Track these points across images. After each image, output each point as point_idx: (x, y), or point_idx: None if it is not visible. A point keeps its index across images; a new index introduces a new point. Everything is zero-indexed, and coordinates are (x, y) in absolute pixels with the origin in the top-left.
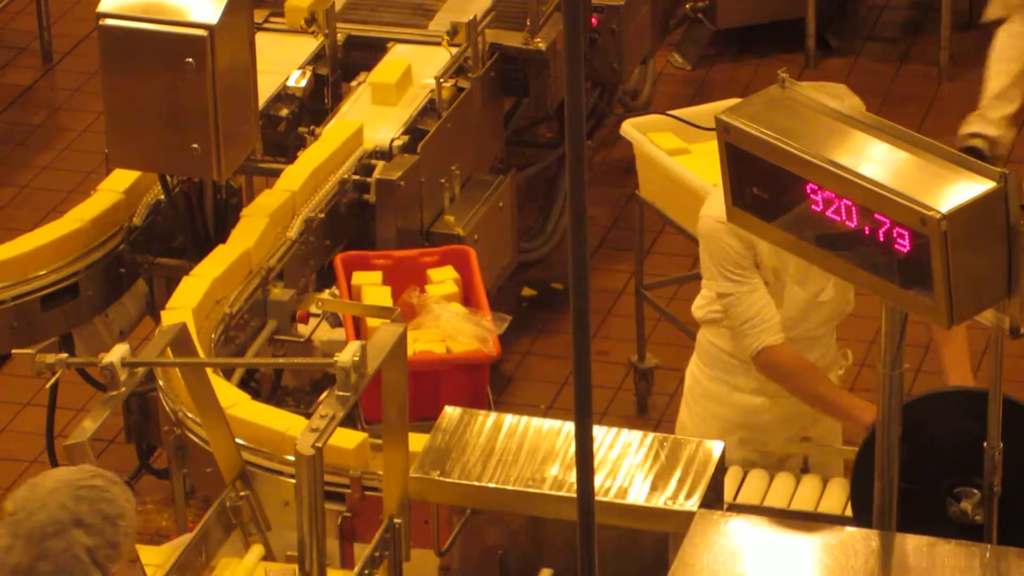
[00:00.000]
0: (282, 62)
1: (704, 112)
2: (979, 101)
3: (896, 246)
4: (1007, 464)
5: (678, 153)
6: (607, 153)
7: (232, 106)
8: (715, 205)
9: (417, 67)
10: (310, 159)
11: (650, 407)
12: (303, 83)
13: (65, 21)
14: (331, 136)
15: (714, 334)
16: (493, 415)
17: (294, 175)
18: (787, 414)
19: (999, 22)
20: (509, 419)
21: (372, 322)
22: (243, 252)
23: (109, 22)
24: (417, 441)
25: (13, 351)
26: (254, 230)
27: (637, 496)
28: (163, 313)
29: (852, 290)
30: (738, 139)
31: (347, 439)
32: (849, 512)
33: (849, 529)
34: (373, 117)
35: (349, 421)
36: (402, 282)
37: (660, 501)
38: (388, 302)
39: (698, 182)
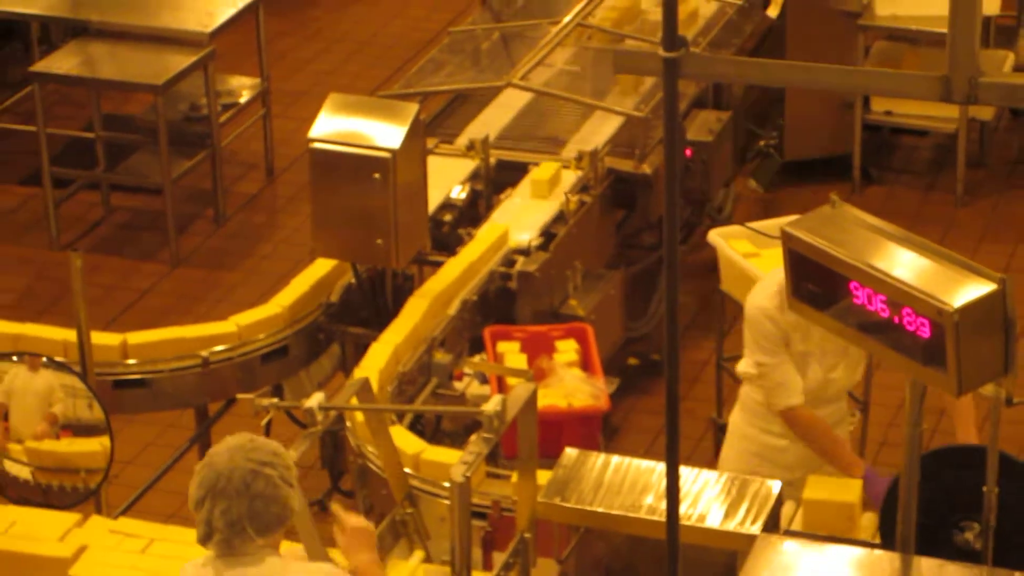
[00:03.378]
0: (447, 179)
1: (772, 225)
2: None
3: (919, 332)
4: (1000, 504)
5: (751, 256)
6: (696, 255)
7: (408, 211)
8: (758, 295)
9: (547, 187)
10: (467, 254)
11: None
12: (463, 195)
13: (284, 145)
14: (483, 237)
15: (751, 388)
16: (603, 456)
17: (454, 266)
18: (804, 455)
19: None
20: (615, 459)
21: (511, 381)
22: (414, 325)
23: (317, 145)
24: (543, 475)
25: (238, 396)
26: (423, 308)
27: (712, 521)
28: (355, 370)
29: (859, 371)
30: (798, 246)
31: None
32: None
33: (878, 552)
34: (516, 223)
35: (491, 458)
36: (535, 351)
37: (731, 526)
38: (523, 366)
39: None
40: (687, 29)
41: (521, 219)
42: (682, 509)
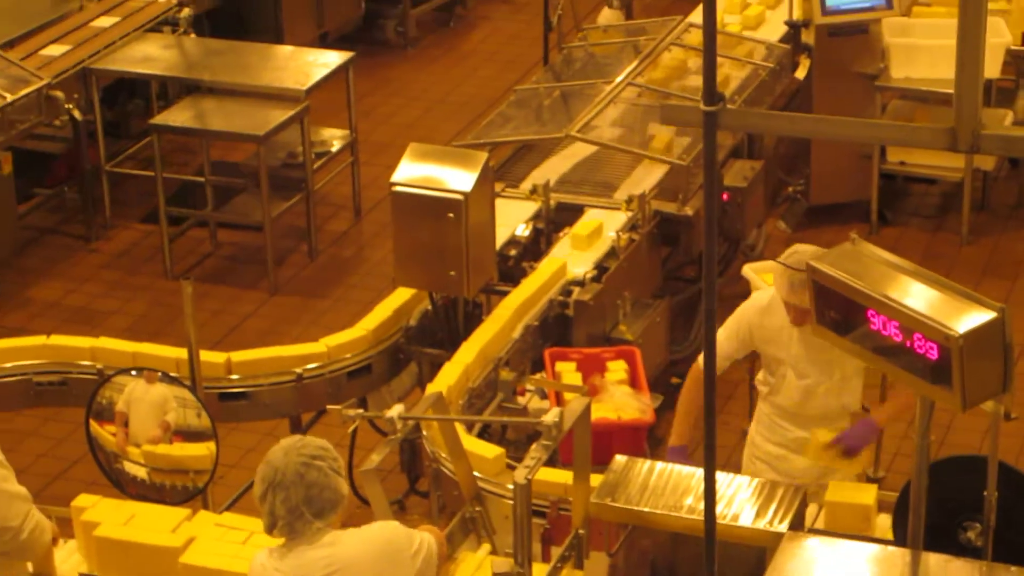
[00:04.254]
0: (512, 218)
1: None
2: None
3: (928, 355)
4: (999, 507)
5: None
6: (732, 287)
7: (478, 247)
8: (751, 301)
9: (604, 224)
10: (529, 285)
11: None
12: (527, 233)
13: (369, 188)
14: (544, 269)
15: (762, 402)
16: (648, 463)
17: (518, 295)
18: (805, 466)
19: None
20: (659, 465)
21: (568, 396)
22: (482, 347)
23: (399, 188)
24: (596, 478)
25: (328, 407)
26: (490, 332)
27: (744, 520)
28: (431, 385)
29: (848, 396)
30: (822, 278)
31: (552, 475)
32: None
33: (891, 548)
34: (573, 258)
35: (550, 462)
36: (589, 370)
37: (761, 524)
38: (578, 383)
39: None
40: (724, 88)
41: (576, 255)
42: (718, 510)
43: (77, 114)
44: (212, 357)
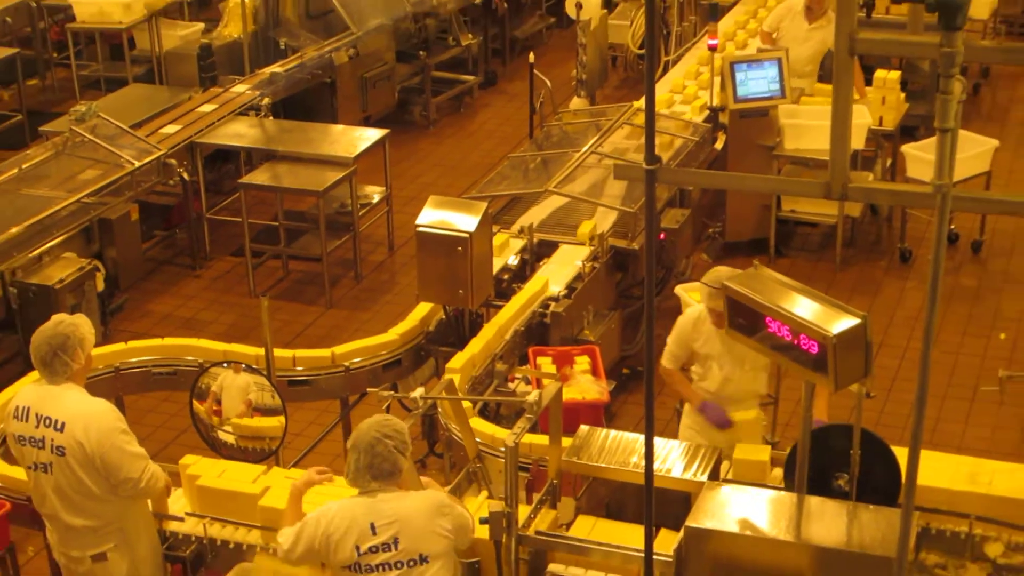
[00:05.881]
0: (505, 251)
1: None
2: None
3: (811, 350)
4: (860, 461)
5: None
6: (667, 303)
7: (480, 272)
8: (684, 317)
9: (570, 256)
10: (517, 300)
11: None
12: (515, 262)
13: (400, 229)
14: (528, 289)
15: (693, 386)
16: (605, 431)
17: (510, 308)
18: (725, 435)
19: None
20: (613, 433)
21: (545, 382)
22: (483, 346)
23: (421, 229)
24: (566, 442)
25: (368, 390)
26: (488, 335)
27: (675, 473)
28: (444, 374)
29: (759, 381)
30: (733, 294)
31: (534, 440)
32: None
33: (782, 493)
34: (552, 280)
35: (533, 431)
36: (561, 363)
37: (687, 476)
38: (553, 372)
39: None
40: (662, 154)
41: (553, 279)
42: (655, 465)
43: (186, 176)
44: (282, 354)
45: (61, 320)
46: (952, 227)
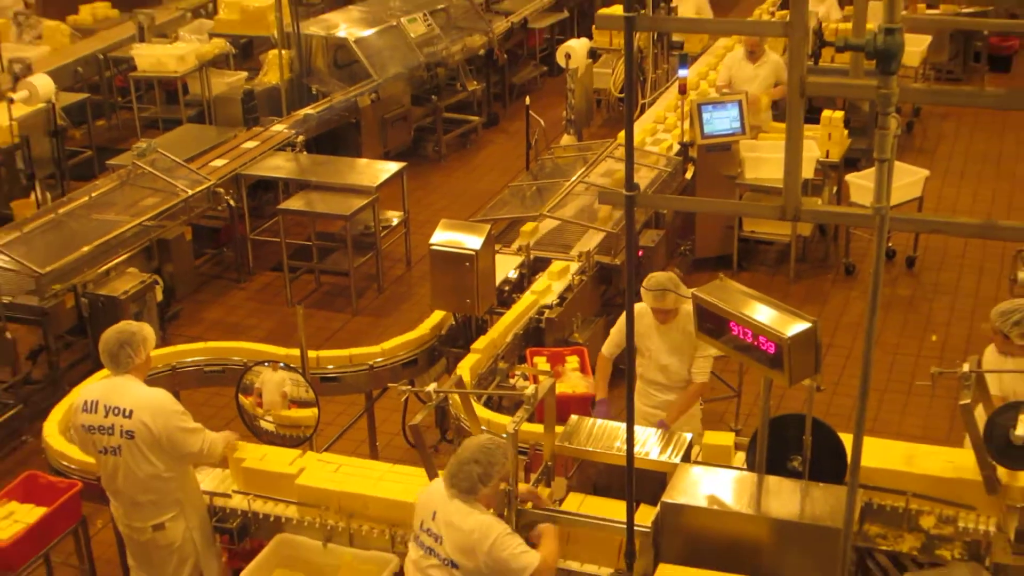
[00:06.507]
0: (506, 266)
1: (687, 290)
2: None
3: (769, 350)
4: (812, 446)
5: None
6: None
7: (484, 284)
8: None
9: (564, 270)
10: (517, 308)
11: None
12: (515, 275)
13: (417, 248)
14: (526, 298)
15: (638, 377)
16: (592, 420)
17: (510, 315)
18: (682, 421)
19: None
20: (599, 422)
21: (541, 378)
22: (488, 344)
23: (435, 247)
24: (559, 430)
25: (389, 385)
26: (492, 337)
27: (652, 456)
28: (455, 371)
29: (689, 369)
30: (702, 303)
31: (531, 428)
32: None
33: (745, 472)
34: (545, 290)
35: (530, 420)
36: (556, 362)
37: (663, 458)
38: (548, 370)
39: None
40: (639, 182)
41: (548, 289)
42: (635, 449)
43: (232, 202)
44: (315, 354)
45: (128, 323)
46: (890, 244)
